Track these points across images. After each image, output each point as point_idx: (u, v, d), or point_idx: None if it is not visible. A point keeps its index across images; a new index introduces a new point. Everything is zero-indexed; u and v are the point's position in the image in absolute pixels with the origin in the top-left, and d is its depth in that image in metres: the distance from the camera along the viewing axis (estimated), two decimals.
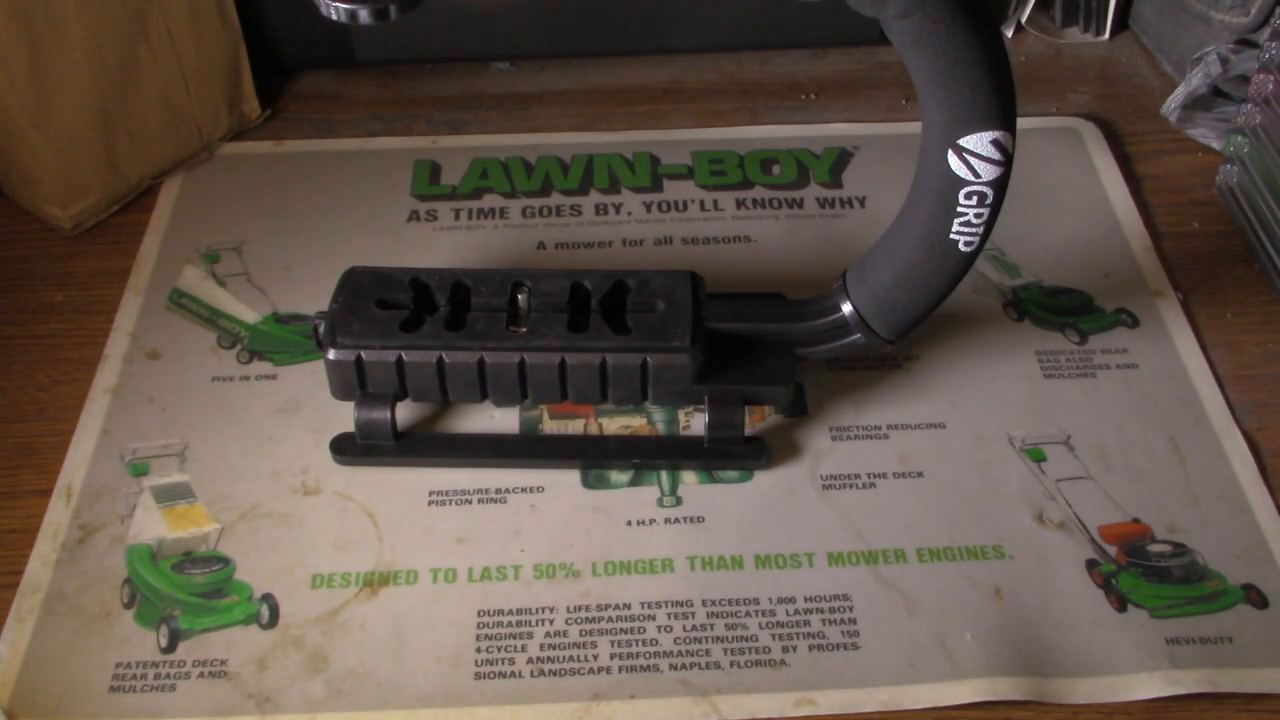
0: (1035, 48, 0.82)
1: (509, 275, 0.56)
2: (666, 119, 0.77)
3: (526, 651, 0.50)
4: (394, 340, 0.53)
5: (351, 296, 0.55)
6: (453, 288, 0.55)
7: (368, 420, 0.55)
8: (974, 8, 0.43)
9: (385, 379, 0.54)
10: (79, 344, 0.63)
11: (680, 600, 0.52)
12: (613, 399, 0.55)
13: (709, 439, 0.55)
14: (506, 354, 0.53)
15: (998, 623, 0.51)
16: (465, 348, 0.53)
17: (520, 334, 0.54)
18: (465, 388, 0.54)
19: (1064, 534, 0.54)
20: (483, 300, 0.55)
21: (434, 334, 0.54)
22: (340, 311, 0.54)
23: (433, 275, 0.56)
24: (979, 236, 0.49)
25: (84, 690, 0.49)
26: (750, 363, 0.56)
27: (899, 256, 0.51)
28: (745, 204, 0.70)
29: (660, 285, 0.55)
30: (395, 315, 0.54)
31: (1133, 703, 0.48)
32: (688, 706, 0.49)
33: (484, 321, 0.54)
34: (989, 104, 0.45)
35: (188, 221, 0.69)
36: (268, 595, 0.52)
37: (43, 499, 0.56)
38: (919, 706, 0.49)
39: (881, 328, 0.54)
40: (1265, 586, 0.52)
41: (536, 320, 0.54)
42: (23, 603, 0.52)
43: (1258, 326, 0.63)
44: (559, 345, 0.53)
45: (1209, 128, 0.73)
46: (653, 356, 0.53)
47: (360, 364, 0.54)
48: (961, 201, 0.48)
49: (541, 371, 0.53)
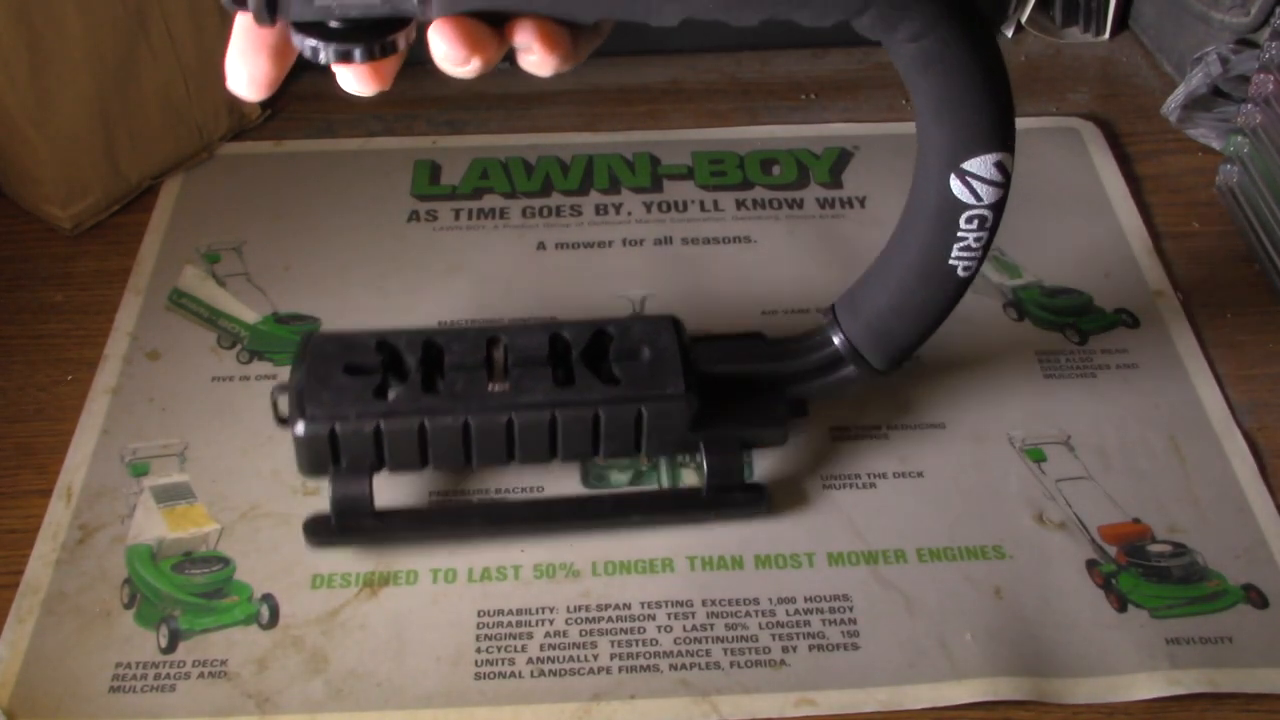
0: (1035, 48, 0.82)
1: (481, 331, 0.52)
2: (666, 119, 0.77)
3: (526, 651, 0.50)
4: (369, 408, 0.49)
5: (315, 364, 0.51)
6: (423, 347, 0.51)
7: (345, 498, 0.51)
8: (981, 29, 0.43)
9: (361, 451, 0.50)
10: (79, 344, 0.63)
11: (680, 600, 0.52)
12: (605, 454, 0.52)
13: (708, 488, 0.53)
14: (492, 414, 0.50)
15: (998, 623, 0.51)
16: (446, 410, 0.50)
17: (504, 392, 0.50)
18: (448, 453, 0.51)
19: (1064, 534, 0.54)
20: (456, 359, 0.51)
21: (411, 398, 0.50)
22: (306, 381, 0.50)
23: (400, 336, 0.52)
24: (977, 260, 0.48)
25: (84, 690, 0.49)
26: (743, 405, 0.54)
27: (893, 284, 0.50)
28: (745, 204, 0.70)
29: (642, 332, 0.52)
30: (367, 381, 0.50)
31: (1133, 703, 0.48)
32: (688, 706, 0.49)
33: (463, 381, 0.50)
34: (994, 125, 0.44)
35: (188, 221, 0.69)
36: (268, 595, 0.52)
37: (43, 499, 0.56)
38: (919, 706, 0.49)
39: (876, 359, 0.52)
40: (1265, 586, 0.52)
41: (519, 376, 0.51)
42: (22, 603, 0.52)
43: (1258, 326, 0.63)
44: (547, 400, 0.50)
45: (1209, 128, 0.73)
46: (647, 406, 0.50)
47: (334, 437, 0.49)
48: (962, 226, 0.46)
49: (531, 430, 0.50)
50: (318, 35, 0.37)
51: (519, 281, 0.66)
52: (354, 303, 0.65)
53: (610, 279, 0.66)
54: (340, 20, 0.37)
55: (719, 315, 0.64)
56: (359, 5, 0.37)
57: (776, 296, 0.65)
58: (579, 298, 0.65)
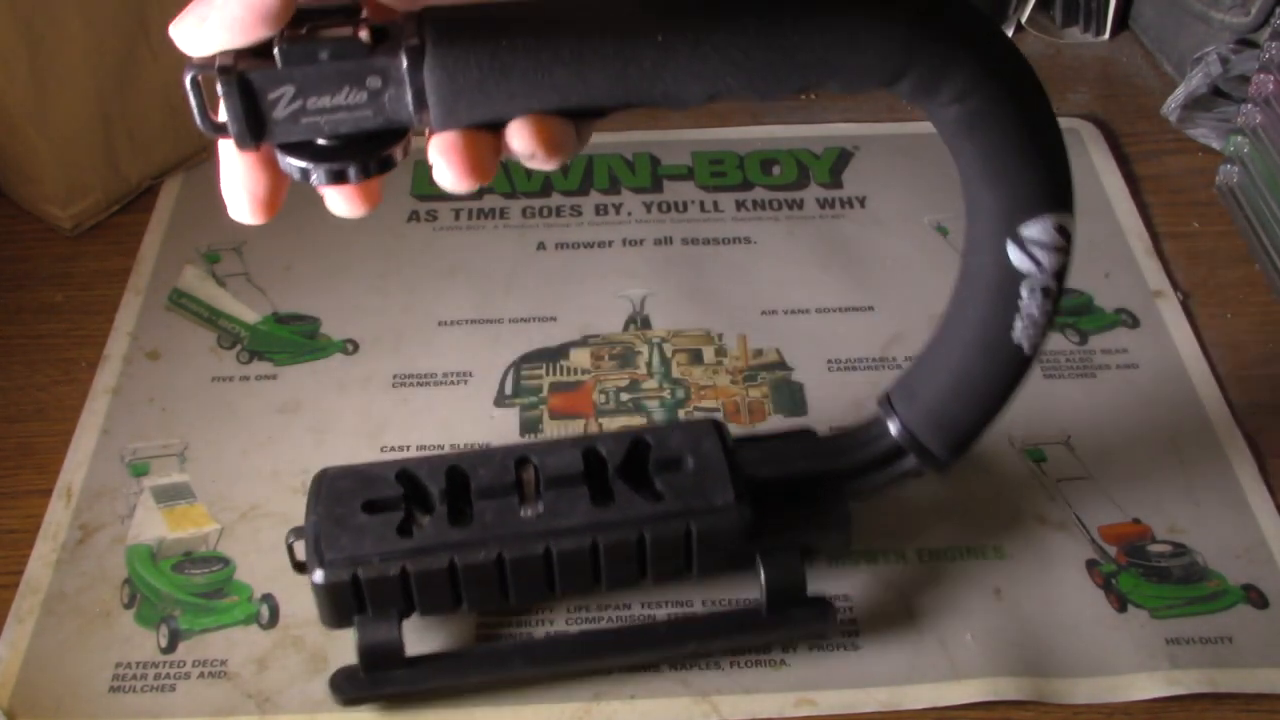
0: (1035, 48, 0.82)
1: (509, 451, 0.48)
2: (666, 119, 0.77)
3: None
4: (393, 548, 0.45)
5: (331, 504, 0.47)
6: (447, 474, 0.47)
7: (373, 645, 0.46)
8: (1029, 81, 0.39)
9: (388, 596, 0.46)
10: (79, 344, 0.63)
11: (680, 600, 0.52)
12: (653, 576, 0.48)
13: (768, 605, 0.48)
14: (528, 543, 0.45)
15: (998, 623, 0.51)
16: (479, 544, 0.45)
17: (538, 517, 0.46)
18: (484, 592, 0.46)
19: (1064, 534, 0.54)
20: (483, 484, 0.47)
21: (439, 534, 0.46)
22: (322, 523, 0.46)
23: (421, 465, 0.48)
24: (1042, 333, 0.43)
25: (84, 690, 0.49)
26: (799, 510, 0.49)
27: (952, 364, 0.45)
28: (745, 205, 0.70)
29: (682, 439, 0.48)
30: (388, 519, 0.46)
31: (1133, 703, 0.48)
32: (688, 706, 0.49)
33: (493, 511, 0.46)
34: (1051, 185, 0.41)
35: (188, 221, 0.69)
36: (268, 595, 0.52)
37: (43, 499, 0.56)
38: (919, 706, 0.49)
39: (938, 447, 0.46)
40: (1265, 586, 0.52)
41: (553, 500, 0.46)
42: (23, 603, 0.52)
43: (1258, 326, 0.63)
44: (586, 524, 0.46)
45: (1209, 128, 0.73)
46: (695, 521, 0.46)
47: (357, 583, 0.45)
48: (1024, 297, 0.42)
49: (571, 559, 0.46)
50: (306, 155, 0.34)
51: (519, 281, 0.66)
52: (354, 303, 0.65)
53: (610, 279, 0.66)
54: (329, 137, 0.34)
55: (719, 315, 0.64)
56: (350, 120, 0.33)
57: (776, 296, 0.65)
58: (579, 298, 0.65)
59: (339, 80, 0.32)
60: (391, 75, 0.32)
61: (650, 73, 0.33)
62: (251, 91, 0.32)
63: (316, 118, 0.33)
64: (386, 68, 0.32)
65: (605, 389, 0.60)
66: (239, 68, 0.32)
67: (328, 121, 0.33)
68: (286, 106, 0.32)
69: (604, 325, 0.63)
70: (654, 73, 0.33)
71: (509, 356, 0.62)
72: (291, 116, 0.32)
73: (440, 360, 0.62)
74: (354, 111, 0.33)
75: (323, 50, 0.32)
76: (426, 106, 0.33)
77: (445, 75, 0.32)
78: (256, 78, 0.32)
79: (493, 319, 0.64)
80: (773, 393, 0.60)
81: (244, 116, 0.32)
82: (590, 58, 0.33)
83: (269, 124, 0.33)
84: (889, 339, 0.62)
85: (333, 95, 0.32)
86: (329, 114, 0.33)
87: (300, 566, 0.47)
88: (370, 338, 0.63)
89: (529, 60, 0.33)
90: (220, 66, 0.32)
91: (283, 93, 0.32)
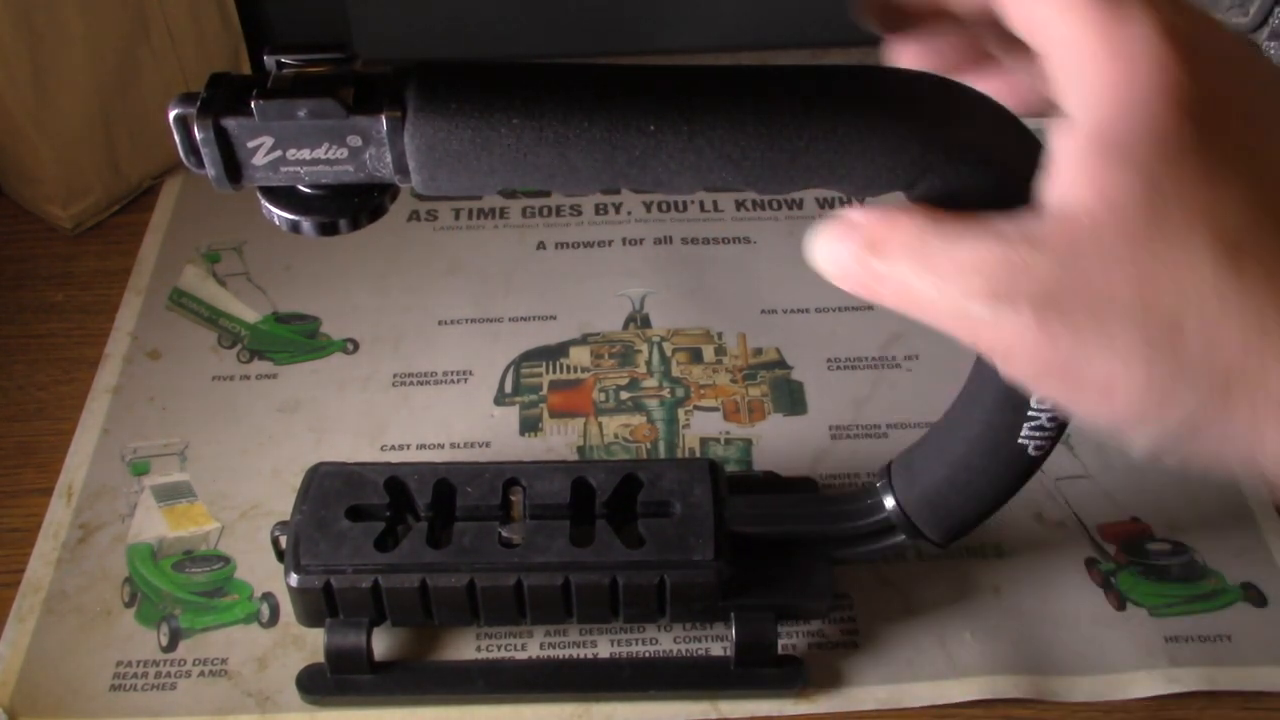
0: None
1: (500, 471, 0.49)
2: None
3: (527, 651, 0.50)
4: (368, 561, 0.46)
5: (317, 505, 0.48)
6: (435, 488, 0.48)
7: (340, 650, 0.47)
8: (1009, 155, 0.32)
9: (359, 604, 0.47)
10: (79, 344, 0.63)
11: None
12: (624, 618, 0.48)
13: (737, 661, 0.48)
14: (500, 574, 0.46)
15: (997, 621, 0.51)
16: (452, 568, 0.46)
17: (515, 548, 0.47)
18: (453, 611, 0.47)
19: (1063, 532, 0.54)
20: (470, 503, 0.48)
21: (414, 552, 0.46)
22: (304, 526, 0.47)
23: (412, 473, 0.49)
24: (1051, 440, 0.41)
25: (85, 689, 0.49)
26: (780, 570, 0.49)
27: (956, 458, 0.43)
28: (745, 205, 0.70)
29: (675, 481, 0.48)
30: (369, 529, 0.47)
31: (1132, 701, 0.49)
32: (688, 706, 0.49)
33: (472, 534, 0.47)
34: None
35: (188, 221, 0.69)
36: (268, 594, 0.52)
37: (43, 498, 0.56)
38: (919, 705, 0.49)
39: (932, 531, 0.46)
40: (1264, 585, 0.52)
41: (533, 530, 0.47)
42: (23, 602, 0.52)
43: None
44: (560, 563, 0.46)
45: None
46: (671, 573, 0.46)
47: (330, 590, 0.46)
48: (1034, 405, 0.40)
49: (542, 594, 0.46)
50: (293, 206, 0.33)
51: (519, 281, 0.66)
52: (354, 302, 0.65)
53: (610, 279, 0.66)
54: (311, 186, 0.33)
55: (719, 314, 0.64)
56: (331, 173, 0.32)
57: (776, 295, 0.65)
58: (579, 297, 0.65)
59: (318, 136, 0.32)
60: (372, 137, 0.31)
61: (640, 161, 0.32)
62: (228, 139, 0.32)
63: (296, 168, 0.32)
64: (367, 129, 0.31)
65: (605, 387, 0.60)
66: (217, 115, 0.31)
67: (308, 172, 0.32)
68: (265, 155, 0.32)
69: (604, 324, 0.64)
70: (643, 161, 0.32)
71: (509, 355, 0.62)
72: (271, 165, 0.32)
73: (440, 359, 0.62)
74: (335, 166, 0.32)
75: (300, 109, 0.31)
76: (407, 171, 0.32)
77: (425, 145, 0.31)
78: (232, 126, 0.31)
79: (493, 318, 0.64)
80: (772, 391, 0.60)
81: (222, 160, 0.32)
82: (576, 141, 0.31)
83: (246, 169, 0.32)
84: (889, 338, 0.62)
85: (312, 149, 0.32)
86: (309, 165, 0.32)
87: (280, 557, 0.48)
88: (370, 337, 0.63)
89: (512, 138, 0.31)
90: (201, 108, 0.32)
91: (261, 142, 0.32)
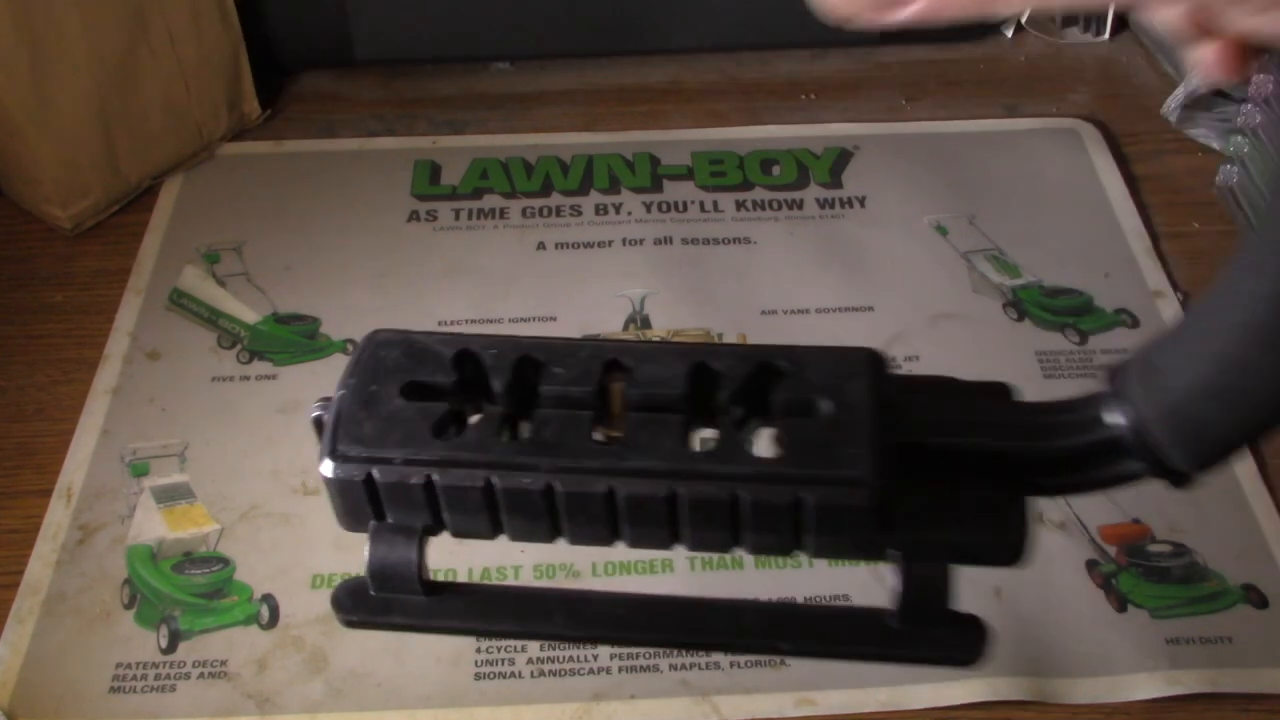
0: (1036, 48, 0.82)
1: (599, 350, 0.36)
2: (666, 119, 0.77)
3: (526, 651, 0.50)
4: (422, 451, 0.35)
5: (368, 377, 0.36)
6: (515, 367, 0.36)
7: (384, 564, 0.38)
8: None
9: (410, 505, 0.37)
10: (79, 344, 0.63)
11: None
12: (749, 547, 0.37)
13: (901, 616, 0.37)
14: (588, 479, 0.35)
15: (998, 623, 0.51)
16: (527, 467, 0.35)
17: (611, 447, 0.37)
18: (526, 525, 0.37)
19: (1064, 534, 0.54)
20: (557, 387, 0.36)
21: (481, 443, 0.35)
22: (349, 402, 0.36)
23: (489, 346, 0.37)
24: None
25: (84, 691, 0.49)
26: (958, 501, 0.37)
27: (1226, 350, 0.32)
28: (745, 205, 0.70)
29: (824, 374, 0.36)
30: (428, 411, 0.36)
31: (1133, 703, 0.48)
32: (688, 707, 0.49)
33: (557, 425, 0.35)
34: None
35: (188, 221, 0.69)
36: (268, 595, 0.52)
37: (43, 499, 0.56)
38: (919, 706, 0.49)
39: (1180, 455, 0.35)
40: (1265, 587, 0.52)
41: (636, 426, 0.35)
42: (23, 603, 0.52)
43: None
44: (667, 469, 0.35)
45: (1209, 128, 0.73)
46: (813, 492, 0.34)
47: (372, 485, 0.37)
48: None
49: (641, 508, 0.36)
50: None
51: (519, 281, 0.66)
52: (354, 303, 0.65)
53: (610, 279, 0.66)
54: None
55: (719, 315, 0.64)
56: None
57: (776, 296, 0.65)
58: (579, 297, 0.65)
59: None
60: None
61: None
62: None
63: None
64: None
65: None
66: None
67: None
68: None
69: (604, 325, 0.63)
70: None
71: None
72: None
73: None
74: None
75: None
76: None
77: None
78: None
79: (492, 318, 0.64)
80: None
81: None
82: None
83: None
84: (889, 338, 0.62)
85: None
86: None
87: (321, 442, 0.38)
88: None
89: None
90: None
91: None
